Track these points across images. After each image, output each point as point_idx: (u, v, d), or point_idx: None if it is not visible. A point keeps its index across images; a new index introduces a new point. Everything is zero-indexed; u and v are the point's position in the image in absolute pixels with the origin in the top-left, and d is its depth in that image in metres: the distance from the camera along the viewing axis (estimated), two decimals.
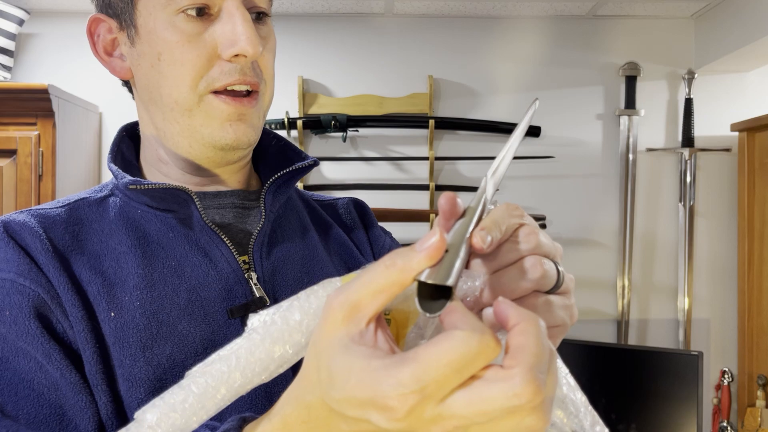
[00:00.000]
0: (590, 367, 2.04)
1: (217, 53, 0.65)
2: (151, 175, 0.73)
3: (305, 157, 0.79)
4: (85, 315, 0.61)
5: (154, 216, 0.69)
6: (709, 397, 2.36)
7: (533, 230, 0.48)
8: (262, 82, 0.68)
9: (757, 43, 2.05)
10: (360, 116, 2.30)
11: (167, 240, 0.67)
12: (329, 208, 0.85)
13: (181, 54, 0.64)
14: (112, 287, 0.63)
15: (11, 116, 1.95)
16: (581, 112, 2.41)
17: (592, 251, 2.41)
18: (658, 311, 2.42)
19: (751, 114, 2.32)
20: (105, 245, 0.66)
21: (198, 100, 0.65)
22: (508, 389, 0.34)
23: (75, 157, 2.13)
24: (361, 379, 0.35)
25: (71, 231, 0.67)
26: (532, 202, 2.40)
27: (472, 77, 2.40)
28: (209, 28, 0.65)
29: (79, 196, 0.73)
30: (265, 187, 0.74)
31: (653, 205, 2.42)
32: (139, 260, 0.65)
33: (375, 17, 2.39)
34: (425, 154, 2.35)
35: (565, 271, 0.51)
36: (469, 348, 0.34)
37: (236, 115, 0.66)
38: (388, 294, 0.38)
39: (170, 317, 0.63)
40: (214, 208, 0.72)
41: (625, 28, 2.41)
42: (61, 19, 2.34)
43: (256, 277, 0.68)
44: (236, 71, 0.65)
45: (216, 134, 0.66)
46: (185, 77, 0.65)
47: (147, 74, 0.68)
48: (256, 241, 0.70)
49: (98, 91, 2.33)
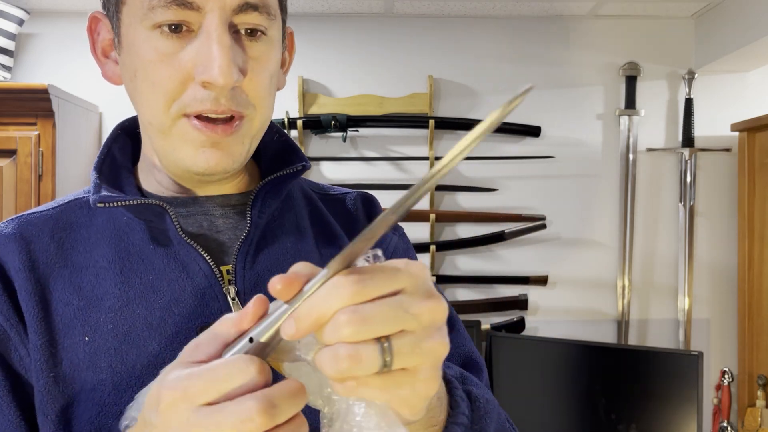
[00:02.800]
0: (590, 367, 2.04)
1: (192, 75, 0.59)
2: (145, 180, 0.71)
3: (301, 158, 0.74)
4: (48, 342, 0.60)
5: (138, 225, 0.67)
6: (709, 397, 2.36)
7: (352, 318, 0.38)
8: (249, 107, 0.62)
9: (758, 43, 2.05)
10: (360, 116, 2.30)
11: (148, 252, 0.65)
12: (337, 203, 0.80)
13: (154, 74, 0.60)
14: (89, 308, 0.62)
15: (11, 116, 1.95)
16: (581, 112, 2.41)
17: (592, 251, 2.41)
18: (658, 311, 2.42)
19: (751, 114, 2.32)
20: (88, 256, 0.65)
21: (171, 123, 0.61)
22: (241, 413, 0.39)
23: (75, 157, 2.13)
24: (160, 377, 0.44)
25: (57, 239, 0.66)
26: (532, 202, 2.40)
27: (472, 77, 2.40)
28: (186, 46, 0.59)
29: (75, 195, 0.71)
30: (253, 192, 0.70)
31: (653, 205, 2.42)
32: (117, 277, 0.63)
33: (375, 17, 2.39)
34: (425, 154, 2.35)
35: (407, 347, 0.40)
36: (231, 369, 0.40)
37: (209, 142, 0.61)
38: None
39: (141, 337, 0.61)
40: (201, 215, 0.69)
41: (626, 27, 2.41)
42: (61, 19, 2.34)
43: (235, 291, 0.65)
44: (209, 99, 0.59)
45: (188, 160, 0.62)
46: (157, 99, 0.60)
47: (128, 87, 0.65)
48: (240, 250, 0.67)
49: (98, 91, 2.33)
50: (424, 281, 0.42)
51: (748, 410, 2.19)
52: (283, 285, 0.40)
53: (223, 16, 0.58)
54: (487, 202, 2.39)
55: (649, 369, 1.97)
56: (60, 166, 2.00)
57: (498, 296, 2.39)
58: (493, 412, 0.60)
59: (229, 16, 0.59)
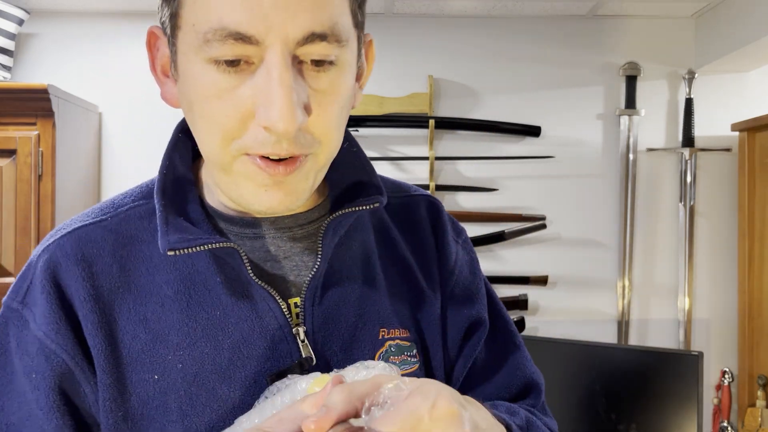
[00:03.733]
0: (590, 367, 2.04)
1: (253, 113, 0.53)
2: (206, 191, 0.67)
3: (376, 186, 0.68)
4: (116, 380, 0.59)
5: (203, 251, 0.62)
6: (710, 397, 2.36)
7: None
8: (315, 145, 0.57)
9: (758, 42, 2.05)
10: (360, 116, 2.30)
11: (214, 284, 0.62)
12: (401, 210, 0.75)
13: (211, 110, 0.54)
14: (156, 343, 0.60)
15: (11, 116, 1.95)
16: (581, 111, 2.41)
17: (593, 251, 2.41)
18: (659, 311, 2.42)
19: (751, 114, 2.31)
20: (152, 280, 0.62)
21: (231, 160, 0.56)
22: None
23: (75, 157, 2.13)
24: None
25: (119, 258, 0.62)
26: (532, 202, 2.40)
27: (472, 77, 2.40)
28: (247, 81, 0.53)
29: (133, 200, 0.66)
30: (325, 224, 0.65)
31: (653, 205, 2.42)
32: (183, 309, 0.61)
33: (375, 17, 2.39)
34: (425, 154, 2.35)
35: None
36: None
37: (272, 182, 0.56)
38: None
39: (210, 380, 0.59)
40: (268, 237, 0.65)
41: (626, 27, 2.41)
42: (61, 19, 2.34)
43: (304, 331, 0.62)
44: (270, 143, 0.54)
45: (250, 199, 0.58)
46: (215, 137, 0.55)
47: (186, 116, 0.60)
48: (310, 285, 0.63)
49: (98, 91, 2.33)
50: (450, 421, 0.45)
51: (748, 410, 2.19)
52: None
53: (285, 50, 0.52)
54: (487, 202, 2.39)
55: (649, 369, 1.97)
56: (60, 166, 2.00)
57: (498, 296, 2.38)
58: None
59: (292, 49, 0.52)
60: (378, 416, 0.44)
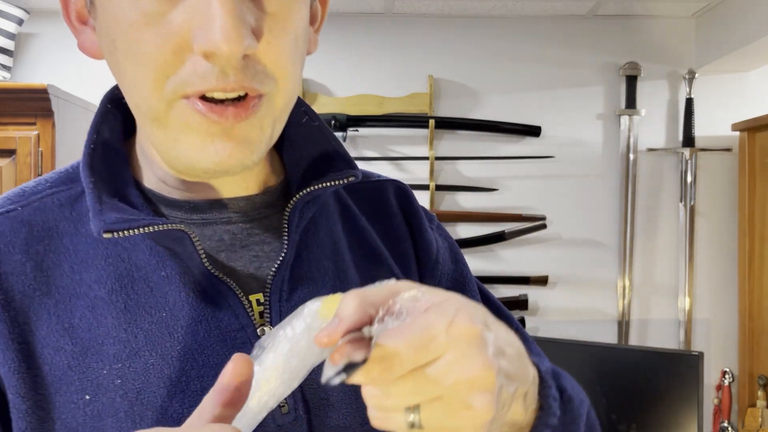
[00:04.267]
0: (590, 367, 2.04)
1: (189, 43, 0.44)
2: (144, 171, 0.56)
3: (345, 158, 0.59)
4: (35, 405, 0.47)
5: (143, 241, 0.52)
6: (710, 398, 2.35)
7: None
8: (269, 82, 0.47)
9: (758, 42, 2.04)
10: (360, 116, 2.30)
11: (157, 281, 0.51)
12: (367, 197, 0.66)
13: (138, 43, 0.44)
14: (86, 355, 0.48)
15: (10, 116, 1.95)
16: (581, 111, 2.41)
17: (593, 251, 2.41)
18: (659, 311, 2.42)
19: (752, 114, 2.31)
20: (78, 279, 0.51)
21: (166, 108, 0.46)
22: None
23: (74, 157, 2.11)
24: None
25: (34, 254, 0.51)
26: (532, 202, 2.39)
27: (472, 77, 2.40)
28: (179, 4, 0.44)
29: (49, 187, 0.55)
30: (290, 205, 0.56)
31: (654, 205, 2.42)
32: (120, 312, 0.50)
33: (375, 17, 2.39)
34: (425, 154, 2.35)
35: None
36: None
37: (219, 130, 0.46)
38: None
39: (158, 397, 0.48)
40: (220, 224, 0.55)
41: (626, 27, 2.41)
42: (61, 19, 2.32)
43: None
44: (213, 74, 0.44)
45: (192, 154, 0.47)
46: (145, 77, 0.45)
47: (109, 62, 0.49)
48: (276, 277, 0.54)
49: (98, 91, 2.32)
50: (470, 342, 0.38)
51: (748, 410, 2.19)
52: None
53: None
54: (487, 202, 2.39)
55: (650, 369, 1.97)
56: (59, 166, 2.00)
57: (498, 296, 2.38)
58: (585, 412, 0.55)
59: None
60: (389, 328, 0.39)
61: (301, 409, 0.52)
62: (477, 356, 0.38)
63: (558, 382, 0.53)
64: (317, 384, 0.53)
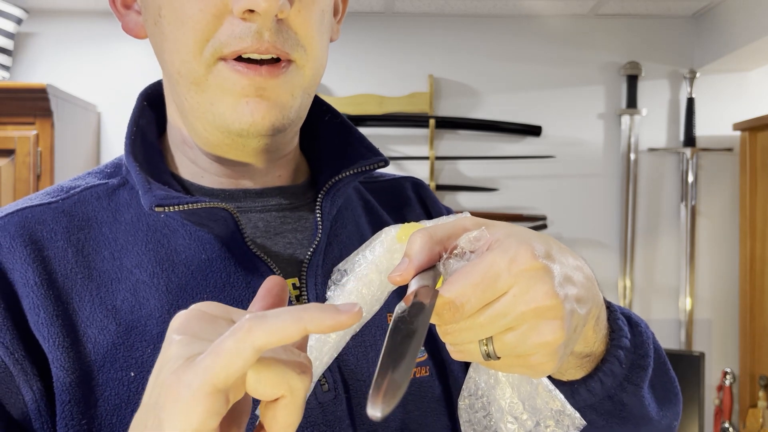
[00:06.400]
0: None
1: (228, 7, 0.49)
2: (179, 161, 0.60)
3: (371, 148, 0.62)
4: (79, 379, 0.49)
5: (182, 227, 0.55)
6: (711, 398, 2.35)
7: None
8: (299, 49, 0.52)
9: (759, 42, 2.04)
10: (360, 115, 2.29)
11: (198, 264, 0.54)
12: (385, 193, 0.69)
13: (181, 8, 0.50)
14: (129, 335, 0.50)
15: (9, 116, 1.95)
16: (582, 111, 2.40)
17: (594, 251, 2.40)
18: (660, 312, 2.41)
19: (753, 113, 2.31)
20: (119, 264, 0.53)
21: (205, 71, 0.51)
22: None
23: (73, 156, 2.12)
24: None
25: (75, 242, 0.53)
26: (532, 202, 2.39)
27: (472, 76, 2.39)
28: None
29: (86, 182, 0.58)
30: (322, 192, 0.59)
31: (655, 205, 2.41)
32: (162, 295, 0.52)
33: (375, 16, 2.39)
34: (425, 154, 2.34)
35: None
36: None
37: (253, 88, 0.51)
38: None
39: None
40: (255, 212, 0.58)
41: (627, 27, 2.40)
42: (60, 19, 2.33)
43: None
44: (249, 34, 0.49)
45: (228, 115, 0.51)
46: (187, 40, 0.50)
47: (152, 36, 0.55)
48: (311, 262, 0.56)
49: (97, 91, 2.32)
50: (532, 275, 0.39)
51: (749, 411, 2.19)
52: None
53: None
54: (488, 201, 2.38)
55: None
56: (58, 166, 1.99)
57: None
58: (651, 334, 0.59)
59: None
60: (453, 270, 0.40)
61: (341, 389, 0.54)
62: (541, 287, 0.39)
63: (621, 309, 0.57)
64: (353, 365, 0.55)
